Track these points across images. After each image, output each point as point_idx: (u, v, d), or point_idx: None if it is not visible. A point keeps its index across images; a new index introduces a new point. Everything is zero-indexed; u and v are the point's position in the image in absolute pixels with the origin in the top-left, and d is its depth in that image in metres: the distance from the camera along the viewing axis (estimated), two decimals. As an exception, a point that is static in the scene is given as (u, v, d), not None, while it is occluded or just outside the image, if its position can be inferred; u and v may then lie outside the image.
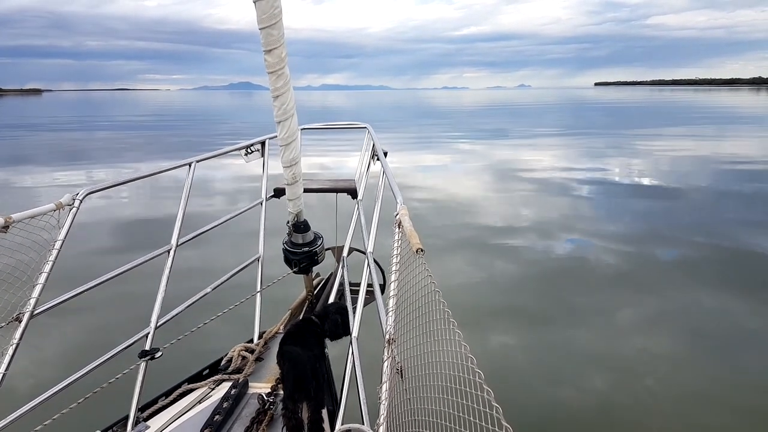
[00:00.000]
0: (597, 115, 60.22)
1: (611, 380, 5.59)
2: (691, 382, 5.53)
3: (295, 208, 3.48)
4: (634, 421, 4.88)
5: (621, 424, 4.88)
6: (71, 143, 31.15)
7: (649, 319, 7.01)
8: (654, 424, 4.81)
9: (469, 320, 6.75)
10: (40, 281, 2.35)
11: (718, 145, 26.50)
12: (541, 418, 4.86)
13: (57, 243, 2.46)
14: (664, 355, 6.11)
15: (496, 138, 31.77)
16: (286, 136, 3.12)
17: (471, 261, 9.34)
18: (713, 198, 14.44)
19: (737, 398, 5.22)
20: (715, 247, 10.05)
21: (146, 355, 2.82)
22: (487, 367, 1.35)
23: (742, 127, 38.46)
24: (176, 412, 2.78)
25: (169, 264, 3.12)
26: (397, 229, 2.16)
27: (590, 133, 35.09)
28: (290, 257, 3.62)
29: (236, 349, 3.40)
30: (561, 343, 6.36)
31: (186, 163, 3.51)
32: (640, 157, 22.55)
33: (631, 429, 4.83)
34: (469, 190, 15.75)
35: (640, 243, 10.35)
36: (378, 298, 2.64)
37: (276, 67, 2.84)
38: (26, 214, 2.36)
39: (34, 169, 19.59)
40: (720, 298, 7.71)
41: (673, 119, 48.41)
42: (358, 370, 2.54)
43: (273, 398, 2.70)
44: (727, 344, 6.34)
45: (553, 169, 19.12)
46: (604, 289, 8.06)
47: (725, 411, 5.04)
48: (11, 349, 2.22)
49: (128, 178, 3.33)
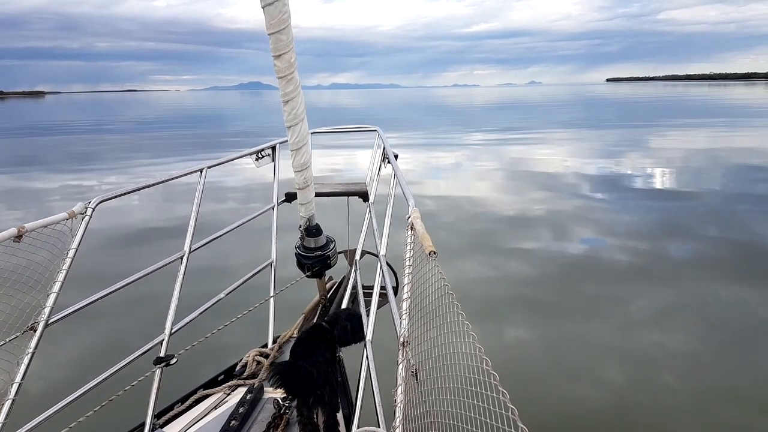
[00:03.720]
0: (615, 110, 59.48)
1: (628, 376, 5.51)
2: (710, 377, 5.44)
3: (306, 212, 3.47)
4: (653, 418, 4.79)
5: (639, 422, 4.80)
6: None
7: (666, 313, 6.93)
8: (674, 422, 4.72)
9: (484, 316, 6.76)
10: (54, 290, 2.37)
11: (735, 139, 26.12)
12: (557, 415, 4.81)
13: (70, 252, 2.47)
14: (682, 349, 6.03)
15: (507, 135, 31.61)
16: (297, 140, 3.11)
17: (485, 256, 9.31)
18: (729, 191, 14.24)
19: (759, 394, 5.11)
20: (731, 239, 9.92)
21: (161, 362, 2.83)
22: (502, 364, 1.34)
23: (758, 121, 37.88)
24: (192, 418, 2.79)
25: (182, 270, 3.13)
26: (409, 232, 2.15)
27: (605, 127, 34.82)
28: (303, 261, 3.61)
29: (251, 354, 3.41)
30: (577, 338, 6.31)
31: (197, 169, 3.52)
32: (654, 151, 22.32)
33: (648, 424, 4.74)
34: (482, 187, 15.70)
35: (655, 236, 10.24)
36: (391, 300, 2.62)
37: (286, 72, 2.84)
38: (39, 224, 2.38)
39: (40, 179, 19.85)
40: (737, 290, 7.59)
41: (702, 113, 47.49)
42: (372, 373, 2.53)
43: (288, 403, 2.69)
44: (746, 338, 6.23)
45: (567, 165, 19.00)
46: (619, 283, 7.98)
47: (746, 407, 4.93)
48: (26, 358, 2.23)
49: (140, 186, 3.35)
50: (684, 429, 4.64)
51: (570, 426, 4.77)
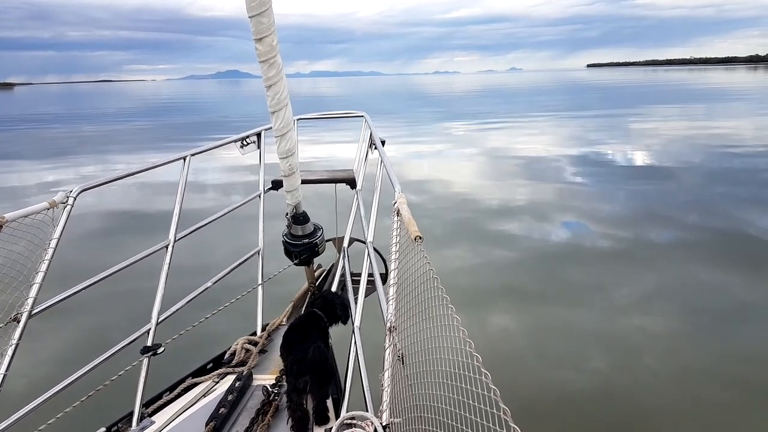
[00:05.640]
0: (599, 97, 59.74)
1: (610, 359, 5.62)
2: (690, 359, 5.57)
3: (293, 199, 3.45)
4: (634, 399, 4.90)
5: (621, 403, 4.90)
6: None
7: (647, 297, 7.06)
8: (654, 401, 4.84)
9: (468, 303, 6.81)
10: (37, 280, 2.34)
11: (717, 125, 26.43)
12: (540, 400, 4.89)
13: (52, 242, 2.44)
14: (662, 332, 6.15)
15: (488, 122, 31.63)
16: (281, 126, 3.08)
17: (468, 244, 9.39)
18: (709, 176, 14.45)
19: (737, 374, 5.25)
20: (710, 224, 10.11)
21: (148, 351, 2.82)
22: (485, 349, 1.36)
23: (737, 104, 38.35)
24: (181, 406, 2.79)
25: (167, 259, 3.11)
26: (395, 218, 2.15)
27: (587, 114, 35.02)
28: (290, 249, 3.60)
29: (239, 342, 3.41)
30: (559, 323, 6.41)
31: (180, 157, 3.48)
32: (635, 137, 22.53)
33: (630, 407, 4.85)
34: (464, 174, 15.75)
35: (636, 222, 10.40)
36: (379, 287, 2.64)
37: (267, 55, 2.80)
38: (19, 213, 2.34)
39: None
40: (717, 274, 7.76)
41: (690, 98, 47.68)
42: (361, 359, 2.55)
43: (277, 389, 2.71)
44: (725, 320, 6.39)
45: (548, 151, 19.10)
46: (601, 268, 8.12)
47: (725, 387, 5.06)
48: (11, 349, 2.21)
49: (122, 174, 3.30)
50: (665, 409, 4.75)
51: (553, 407, 4.84)
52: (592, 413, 4.78)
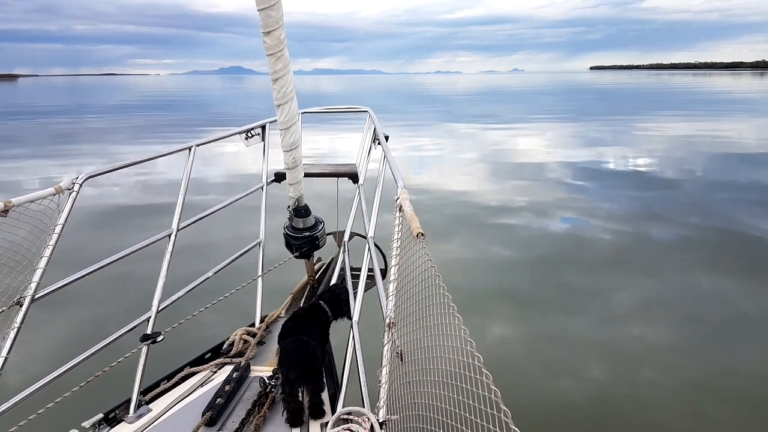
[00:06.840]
0: (620, 99, 59.23)
1: (609, 368, 5.54)
2: (689, 370, 5.46)
3: (295, 192, 3.46)
4: (633, 411, 4.80)
5: (619, 415, 4.81)
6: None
7: (647, 304, 6.99)
8: (653, 415, 4.72)
9: (468, 304, 6.74)
10: (41, 265, 2.35)
11: (722, 129, 26.34)
12: (538, 406, 4.81)
13: (57, 227, 2.45)
14: (662, 341, 6.06)
15: (491, 123, 31.52)
16: (286, 119, 3.09)
17: (469, 244, 9.37)
18: (710, 180, 14.41)
19: (737, 387, 5.14)
20: (712, 229, 10.04)
21: (148, 339, 2.84)
22: (484, 353, 1.35)
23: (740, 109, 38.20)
24: (178, 395, 2.80)
25: (170, 248, 3.12)
26: (397, 214, 2.15)
27: (593, 119, 34.92)
28: (291, 242, 3.61)
29: (238, 333, 3.42)
30: (558, 329, 6.34)
31: (186, 147, 3.49)
32: (638, 141, 22.45)
33: (629, 419, 4.75)
34: (466, 174, 15.73)
35: (637, 226, 10.35)
36: (378, 282, 2.64)
37: (275, 49, 2.80)
38: (26, 198, 2.36)
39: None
40: (718, 281, 7.69)
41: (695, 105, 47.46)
42: (358, 354, 2.56)
43: (274, 381, 2.72)
44: (726, 330, 6.28)
45: (549, 154, 19.05)
46: (601, 273, 8.07)
47: (725, 400, 4.95)
48: (13, 333, 2.22)
49: (128, 162, 3.31)
50: (664, 421, 4.65)
51: (551, 414, 4.76)
52: (589, 425, 4.69)
